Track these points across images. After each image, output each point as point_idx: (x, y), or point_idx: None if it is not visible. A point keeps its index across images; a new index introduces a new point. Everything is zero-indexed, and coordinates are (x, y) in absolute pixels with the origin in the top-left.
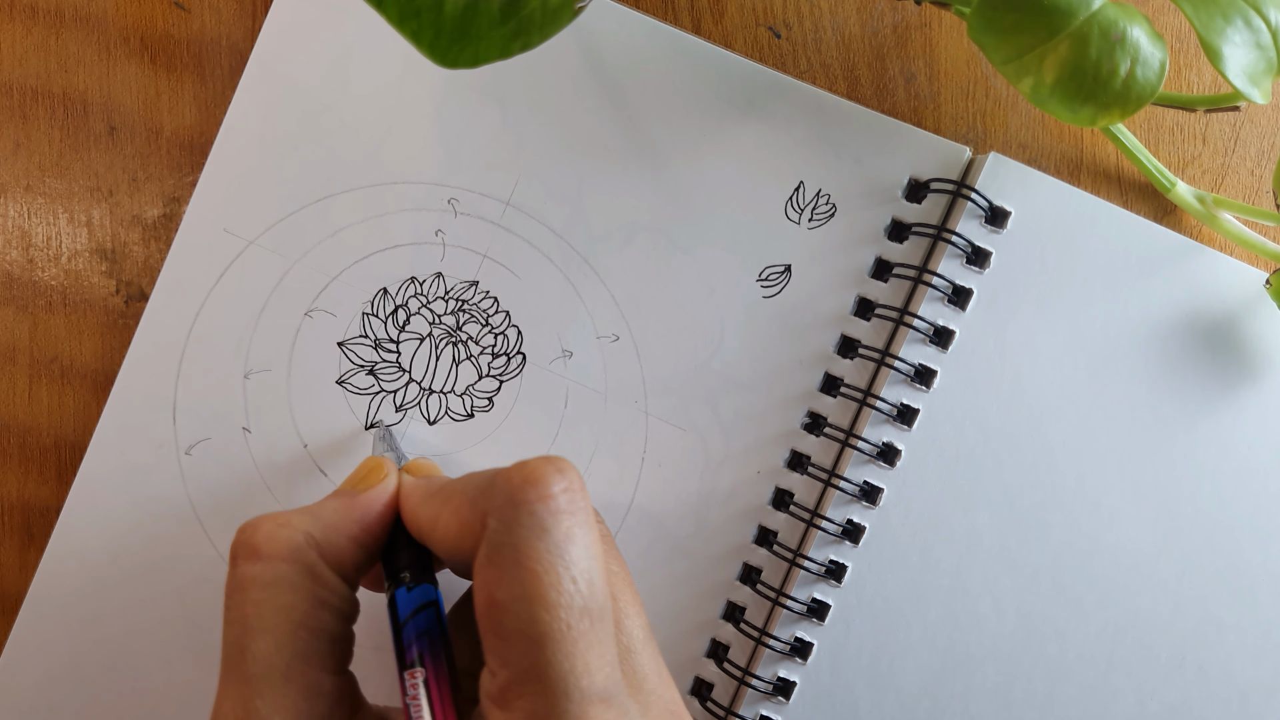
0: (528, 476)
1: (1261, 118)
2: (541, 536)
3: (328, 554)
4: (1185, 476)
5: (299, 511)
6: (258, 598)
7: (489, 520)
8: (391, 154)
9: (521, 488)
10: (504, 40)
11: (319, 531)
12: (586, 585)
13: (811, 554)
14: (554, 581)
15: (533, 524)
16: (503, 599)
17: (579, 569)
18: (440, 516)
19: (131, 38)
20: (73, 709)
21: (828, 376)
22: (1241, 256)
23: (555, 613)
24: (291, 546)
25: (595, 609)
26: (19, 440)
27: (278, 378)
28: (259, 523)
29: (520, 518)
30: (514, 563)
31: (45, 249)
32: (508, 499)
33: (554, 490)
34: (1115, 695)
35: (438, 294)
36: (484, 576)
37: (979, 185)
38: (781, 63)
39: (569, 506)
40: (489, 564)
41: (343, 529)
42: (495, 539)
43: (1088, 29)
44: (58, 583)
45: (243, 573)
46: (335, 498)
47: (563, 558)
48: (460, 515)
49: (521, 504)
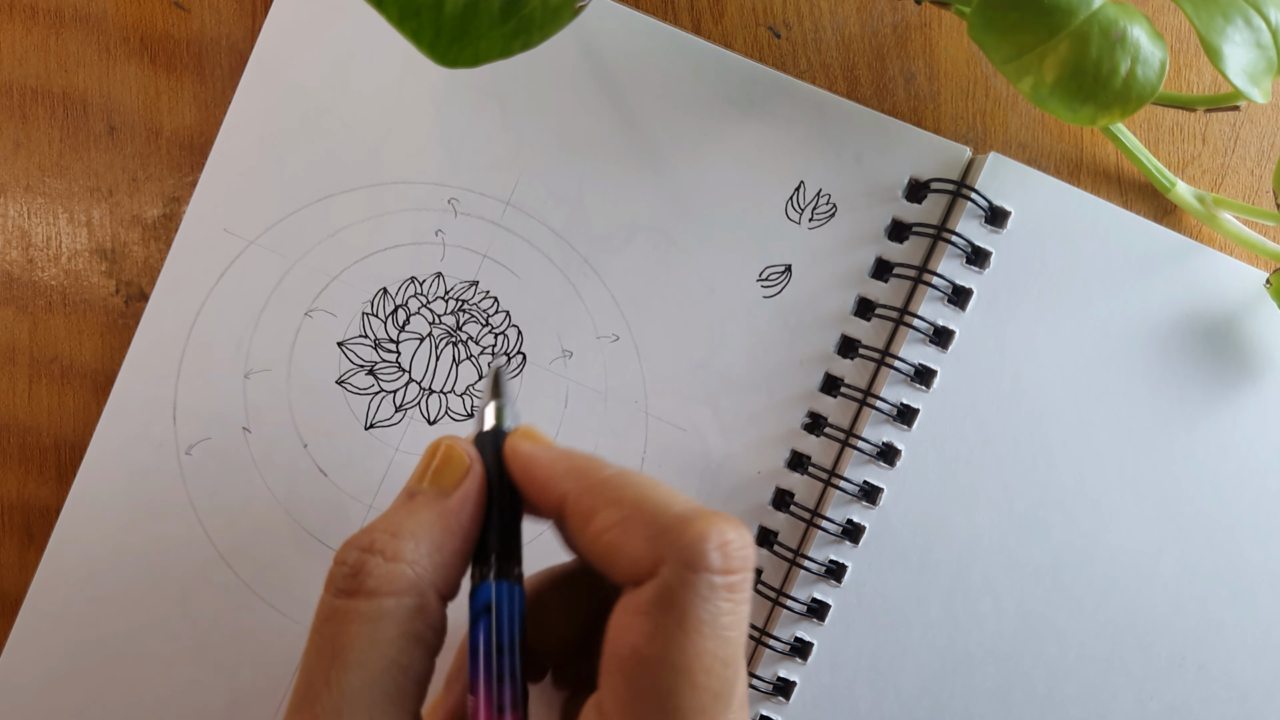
0: (720, 545)
1: (1261, 117)
2: (713, 614)
3: (439, 583)
4: (1185, 476)
5: (401, 536)
6: (357, 631)
7: (664, 569)
8: (391, 154)
9: (708, 552)
10: (504, 39)
11: (427, 559)
12: (731, 670)
13: (811, 554)
14: (707, 663)
15: (710, 596)
16: (651, 656)
17: (730, 652)
18: (600, 516)
19: (131, 38)
20: (73, 709)
21: (828, 376)
22: (1241, 256)
23: (697, 692)
24: (405, 583)
25: (728, 692)
26: (19, 440)
27: (278, 378)
28: (363, 558)
29: (699, 585)
30: (678, 627)
31: (45, 249)
32: (691, 558)
33: (735, 564)
34: (1115, 695)
35: (438, 294)
36: (636, 623)
37: (979, 185)
38: (781, 62)
39: (743, 585)
40: (648, 615)
41: (448, 546)
42: (666, 594)
43: (1088, 28)
44: (58, 583)
45: (344, 606)
46: (425, 509)
47: (721, 639)
48: (630, 534)
49: (703, 568)
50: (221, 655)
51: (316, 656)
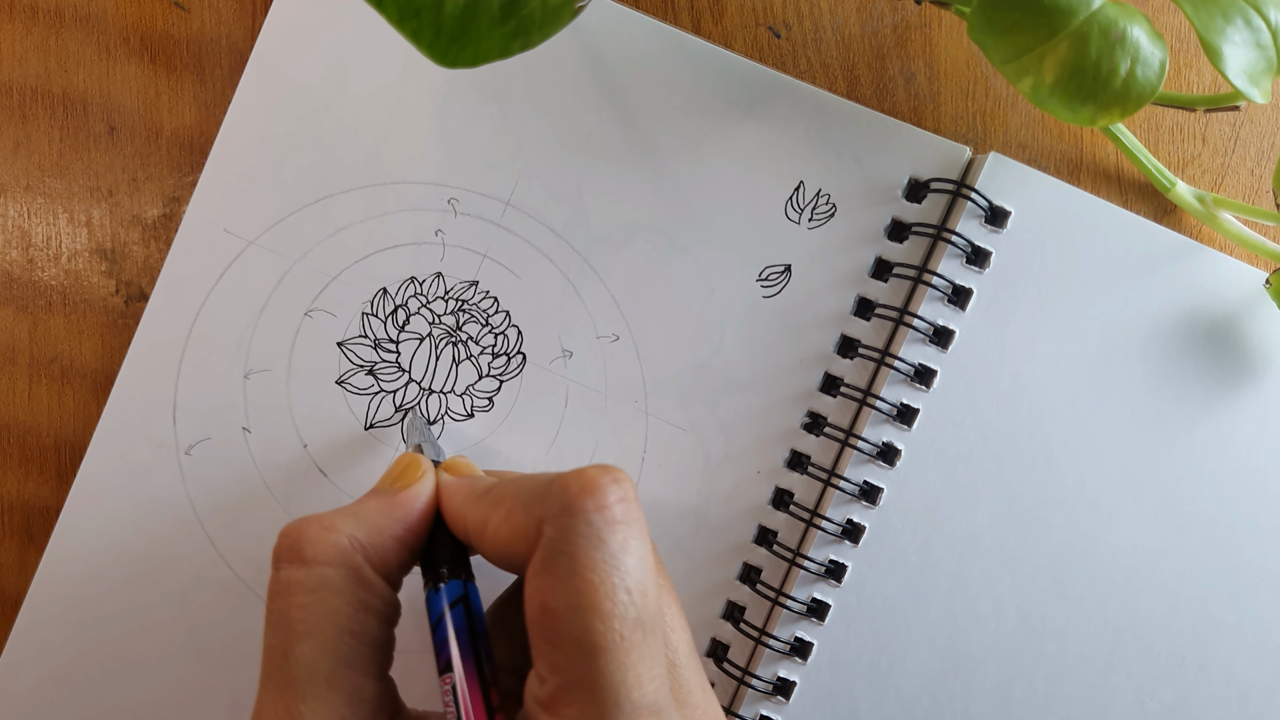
0: (585, 485)
1: (1261, 117)
2: (598, 546)
3: (372, 556)
4: (1185, 476)
5: (341, 513)
6: (302, 602)
7: (545, 527)
8: (391, 154)
9: (579, 496)
10: (504, 40)
11: (363, 534)
12: (640, 597)
13: (811, 554)
14: (609, 592)
15: (589, 533)
16: (557, 607)
17: (633, 580)
18: (490, 519)
19: (131, 38)
20: (73, 709)
21: (828, 376)
22: (1241, 256)
23: (609, 623)
24: (337, 550)
25: (647, 621)
26: (19, 440)
27: (278, 378)
28: (302, 526)
29: (577, 526)
30: (570, 571)
31: (45, 249)
32: (564, 507)
33: (610, 500)
34: (1115, 695)
35: (437, 294)
36: (538, 583)
37: (979, 185)
38: (781, 62)
39: (624, 516)
40: (544, 571)
41: (386, 529)
42: (551, 546)
43: (1088, 29)
44: (58, 583)
45: (286, 577)
46: (375, 497)
47: (618, 568)
48: (513, 520)
49: (578, 513)
50: (221, 655)
51: (271, 632)
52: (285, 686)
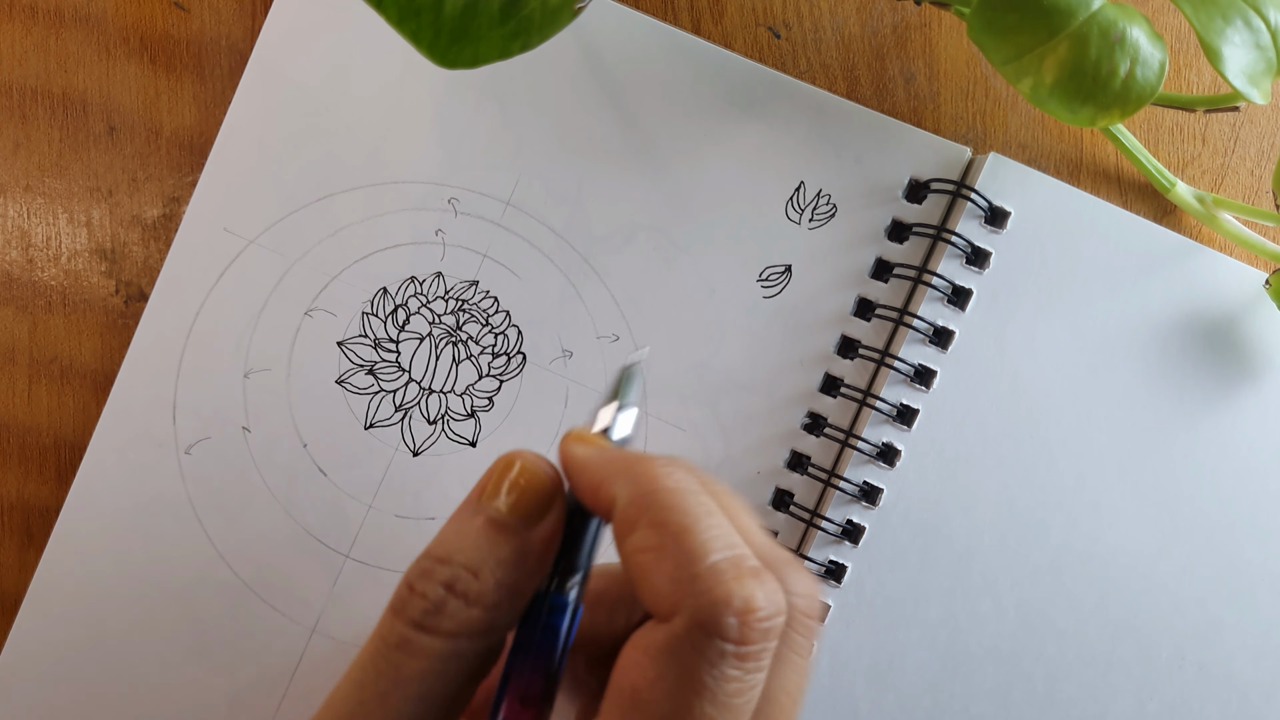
0: (741, 612)
1: (1261, 118)
2: (718, 681)
3: (500, 622)
4: (1185, 476)
5: (477, 571)
6: (428, 668)
7: (678, 619)
8: (391, 154)
9: (726, 620)
10: (503, 40)
11: (504, 600)
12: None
13: (811, 554)
14: (699, 715)
15: (718, 663)
16: (648, 702)
17: (727, 716)
18: (637, 531)
19: (131, 38)
20: (73, 709)
21: (828, 377)
22: (1241, 257)
23: None
24: (479, 626)
25: None
26: (19, 440)
27: (277, 377)
28: (451, 582)
29: (708, 650)
30: (678, 683)
31: (45, 249)
32: (707, 619)
33: (753, 637)
34: (1115, 695)
35: (438, 293)
36: (640, 662)
37: (979, 185)
38: (781, 63)
39: (757, 656)
40: (652, 659)
41: (520, 586)
42: (675, 646)
43: (1087, 29)
44: (58, 583)
45: (417, 641)
46: (505, 543)
47: (722, 706)
48: (660, 569)
49: (715, 634)
50: (221, 655)
51: (375, 676)
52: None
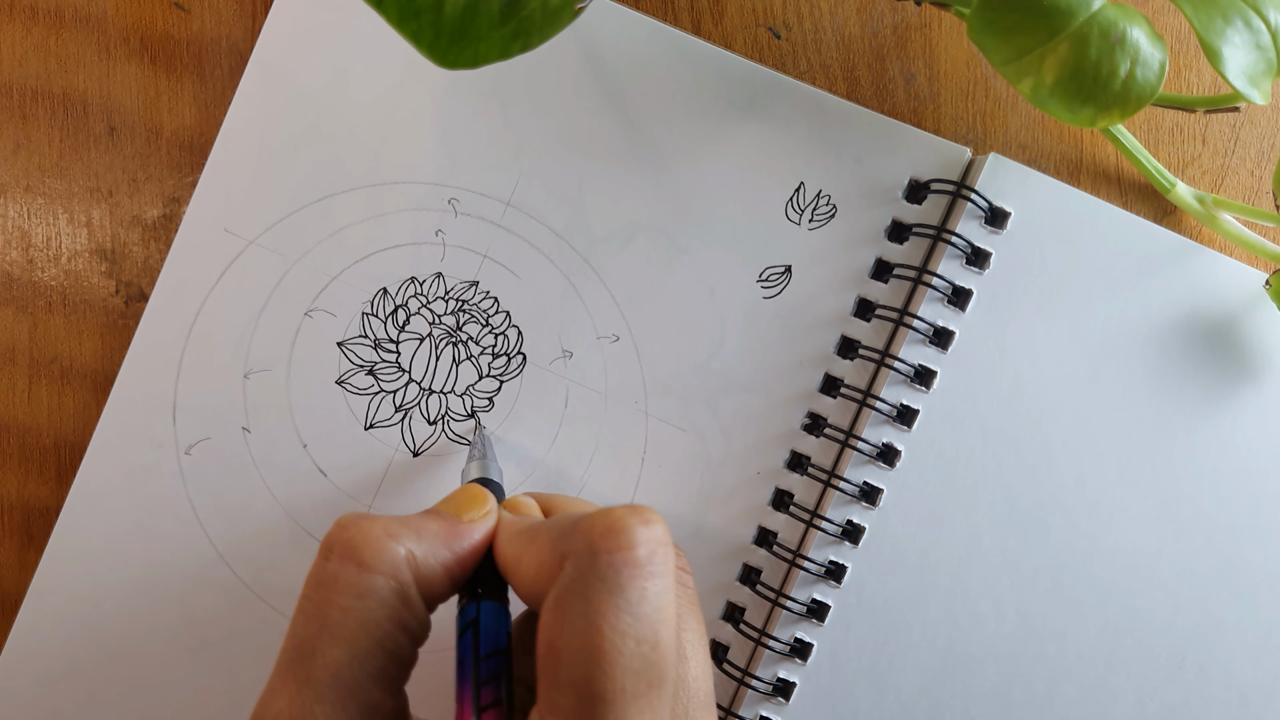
0: (610, 526)
1: (1261, 118)
2: (613, 591)
3: (421, 577)
4: (1185, 477)
5: (403, 523)
6: (345, 604)
7: (565, 565)
8: (392, 154)
9: (602, 536)
10: (504, 41)
11: (420, 552)
12: (650, 648)
13: (811, 554)
14: (616, 641)
15: (606, 576)
16: (562, 648)
17: (645, 630)
18: (524, 555)
19: (131, 38)
20: (72, 709)
21: (828, 377)
22: (1241, 257)
23: (611, 673)
24: (392, 562)
25: (655, 674)
26: (19, 440)
27: (277, 378)
28: (365, 525)
29: (595, 568)
30: (579, 613)
31: (45, 249)
32: (586, 546)
33: (635, 542)
34: (1115, 696)
35: (438, 294)
36: (548, 620)
37: (979, 186)
38: (781, 63)
39: (647, 562)
40: (555, 608)
41: (440, 555)
42: (565, 585)
43: (1087, 30)
44: (58, 583)
45: (335, 572)
46: (437, 519)
47: (631, 615)
48: (541, 555)
49: (599, 553)
50: (221, 655)
51: (304, 623)
52: (305, 683)
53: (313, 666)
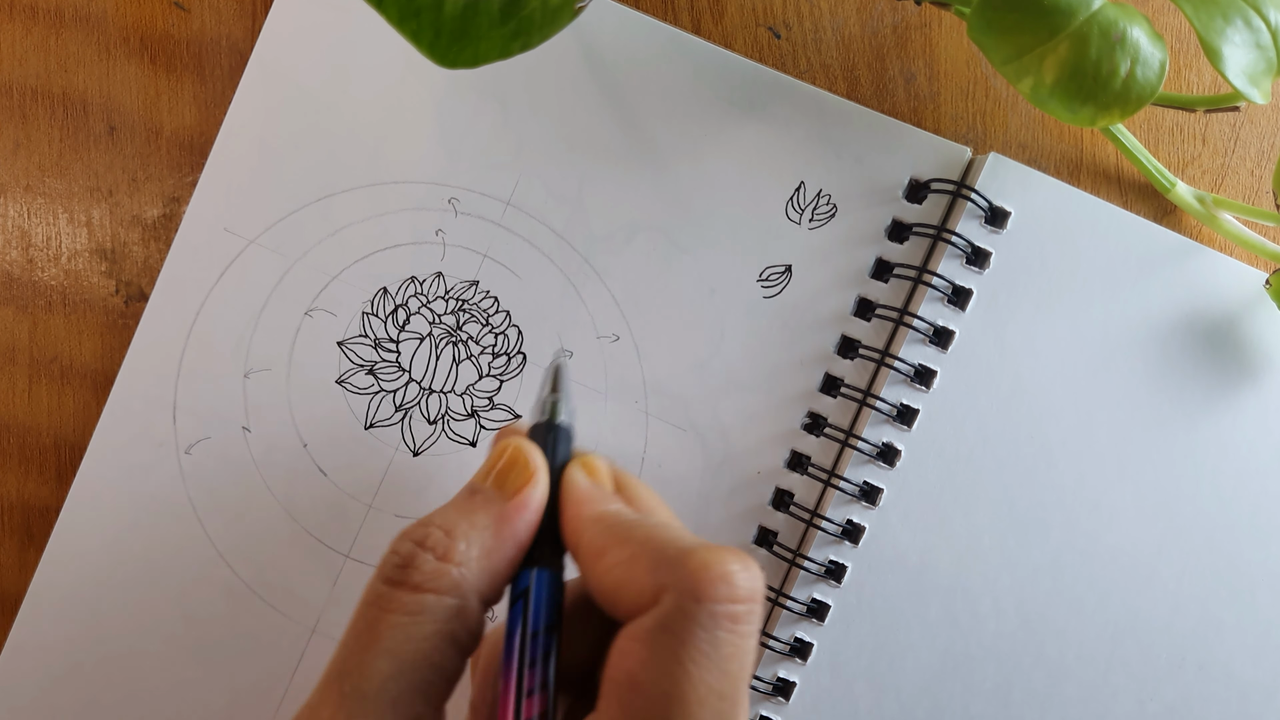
0: (724, 574)
1: (1261, 118)
2: (712, 643)
3: (482, 584)
4: (1185, 476)
5: (453, 532)
6: (396, 621)
7: (665, 597)
8: (392, 153)
9: (712, 582)
10: (504, 40)
11: (475, 562)
12: (729, 705)
13: (811, 554)
14: (703, 695)
15: (708, 626)
16: (645, 683)
17: (728, 686)
18: (609, 553)
19: (131, 38)
20: (73, 709)
21: (828, 377)
22: (1241, 257)
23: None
24: (450, 582)
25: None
26: (19, 440)
27: (277, 377)
28: (422, 540)
29: (699, 615)
30: (673, 656)
31: (45, 249)
32: (692, 588)
33: (739, 597)
34: (1115, 695)
35: (438, 293)
36: (635, 650)
37: (979, 185)
38: (781, 63)
39: (746, 619)
40: (646, 641)
41: (496, 553)
42: (665, 622)
43: (1087, 29)
44: (57, 583)
45: (389, 595)
46: (483, 510)
47: (720, 671)
48: (634, 569)
49: (704, 599)
50: (221, 655)
51: (354, 637)
52: (350, 695)
53: (360, 680)
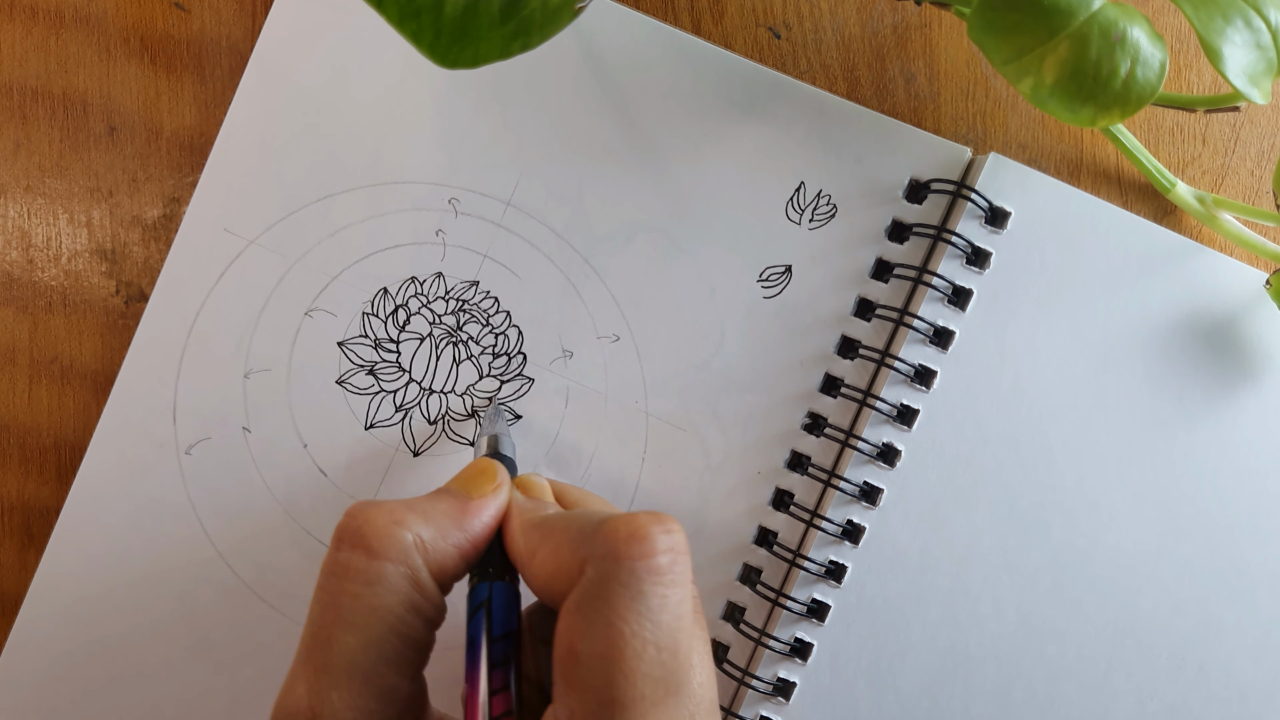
0: (634, 532)
1: (1261, 118)
2: (636, 598)
3: (432, 561)
4: (1185, 477)
5: (410, 507)
6: (356, 591)
7: (587, 568)
8: (392, 154)
9: (626, 542)
10: (504, 41)
11: (429, 536)
12: (670, 656)
13: (811, 554)
14: (639, 647)
15: (629, 582)
16: (583, 653)
17: (666, 637)
18: (539, 551)
19: (131, 38)
20: (73, 709)
21: (828, 377)
22: (1241, 257)
23: (632, 679)
24: (401, 548)
25: (673, 681)
26: (19, 440)
27: (278, 378)
28: (371, 514)
29: (618, 574)
30: (602, 619)
31: (45, 249)
32: (609, 551)
33: (657, 549)
34: (1115, 696)
35: (438, 294)
36: (569, 623)
37: (979, 186)
38: (781, 63)
39: (669, 569)
40: (577, 612)
41: (450, 537)
42: (588, 589)
43: (1088, 29)
44: (58, 583)
45: (346, 561)
46: (446, 499)
47: (652, 623)
48: (559, 554)
49: (622, 559)
50: (221, 655)
51: (319, 612)
52: (321, 670)
53: (329, 654)
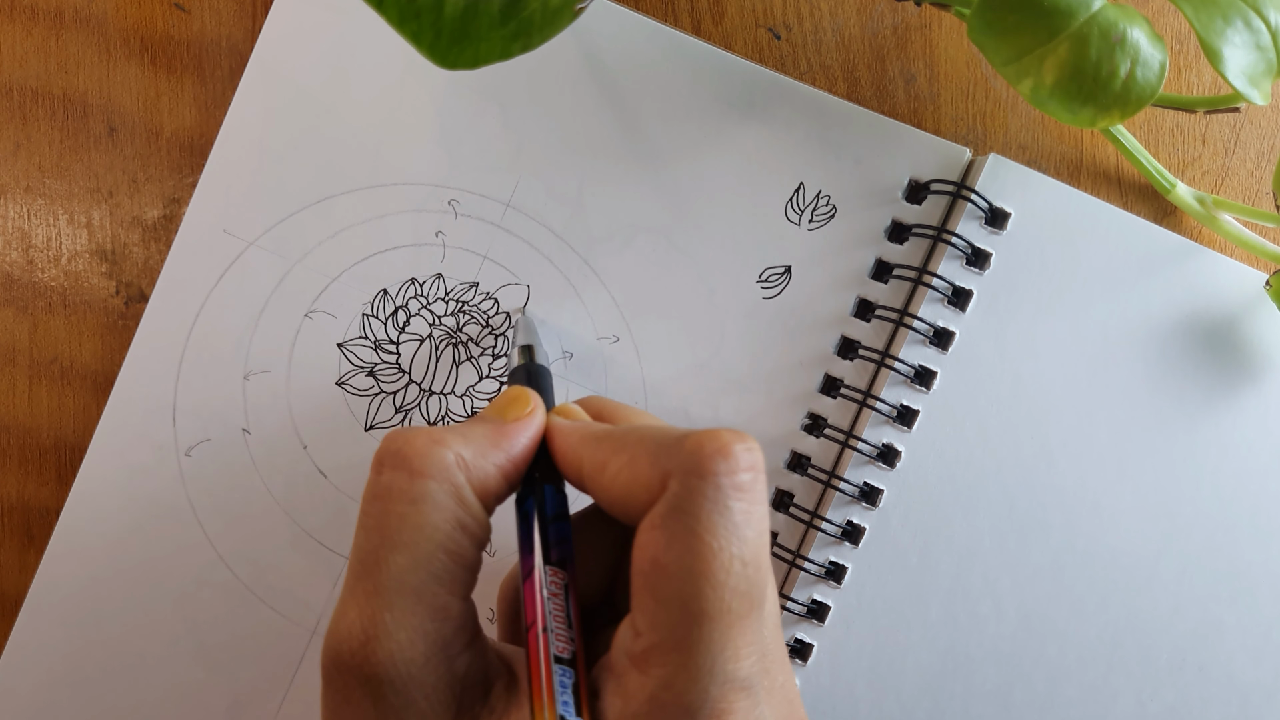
0: (720, 448)
1: (1261, 119)
2: (723, 513)
3: (474, 479)
4: (1185, 477)
5: (450, 430)
6: (402, 511)
7: (671, 482)
8: (392, 155)
9: (711, 458)
10: (504, 41)
11: (469, 455)
12: (755, 570)
13: (811, 555)
14: (726, 561)
15: (717, 497)
16: (670, 565)
17: (750, 552)
18: (611, 463)
19: (131, 39)
20: (73, 709)
21: (828, 377)
22: (1241, 258)
23: (720, 591)
24: (442, 466)
25: (757, 595)
26: (19, 441)
27: (277, 379)
28: (410, 435)
29: (705, 489)
30: (690, 532)
31: (45, 250)
32: (695, 466)
33: (741, 466)
34: (1115, 696)
35: (438, 295)
36: (653, 536)
37: (979, 186)
38: (781, 64)
39: (752, 485)
40: (662, 526)
41: (490, 456)
42: (675, 503)
43: (1087, 30)
44: (58, 583)
45: (389, 482)
46: (483, 424)
47: (738, 537)
48: (636, 467)
49: (708, 474)
50: (221, 656)
51: (365, 536)
52: (373, 593)
53: (378, 576)
